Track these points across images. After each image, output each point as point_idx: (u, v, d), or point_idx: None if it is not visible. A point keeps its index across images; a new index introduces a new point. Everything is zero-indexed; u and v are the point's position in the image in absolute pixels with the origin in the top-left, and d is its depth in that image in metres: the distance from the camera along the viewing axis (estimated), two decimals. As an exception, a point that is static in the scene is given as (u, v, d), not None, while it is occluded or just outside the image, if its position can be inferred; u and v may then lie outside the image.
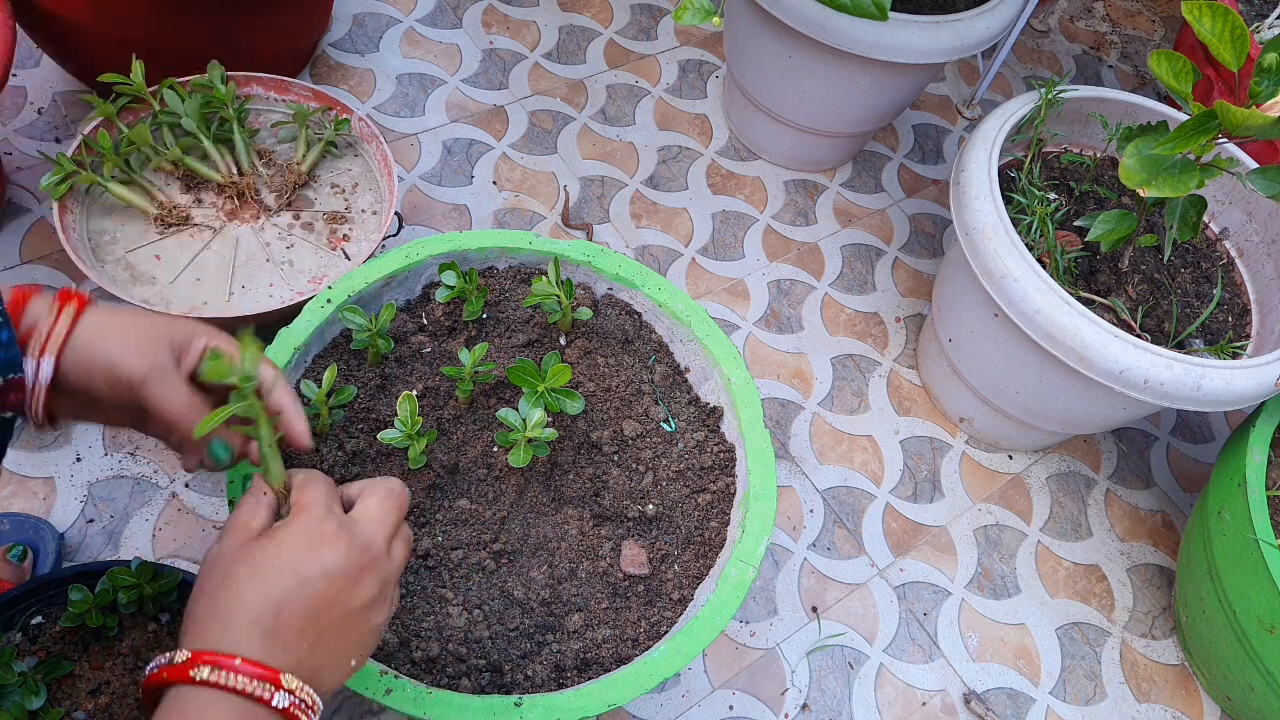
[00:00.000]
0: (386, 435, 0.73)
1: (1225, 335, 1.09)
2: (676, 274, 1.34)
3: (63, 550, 0.97)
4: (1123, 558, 1.23)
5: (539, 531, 0.77)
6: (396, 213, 1.07)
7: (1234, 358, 1.05)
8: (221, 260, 1.03)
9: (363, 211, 1.10)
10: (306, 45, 1.38)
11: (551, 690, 0.68)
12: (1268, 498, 0.98)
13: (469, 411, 0.81)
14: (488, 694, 0.68)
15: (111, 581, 0.73)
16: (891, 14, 1.13)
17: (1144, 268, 1.11)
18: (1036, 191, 1.11)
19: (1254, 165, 1.13)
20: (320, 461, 0.76)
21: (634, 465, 0.80)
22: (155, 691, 0.44)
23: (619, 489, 0.78)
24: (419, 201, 1.33)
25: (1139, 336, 1.02)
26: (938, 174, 1.56)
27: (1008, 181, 1.15)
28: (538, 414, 0.73)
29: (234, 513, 0.51)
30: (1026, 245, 1.01)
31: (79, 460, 1.03)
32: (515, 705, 0.63)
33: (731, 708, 1.02)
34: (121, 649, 0.74)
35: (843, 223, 1.46)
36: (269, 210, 1.08)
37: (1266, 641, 0.95)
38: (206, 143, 1.06)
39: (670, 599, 0.75)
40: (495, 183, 1.37)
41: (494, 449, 0.79)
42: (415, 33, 1.51)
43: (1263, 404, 1.05)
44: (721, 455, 0.81)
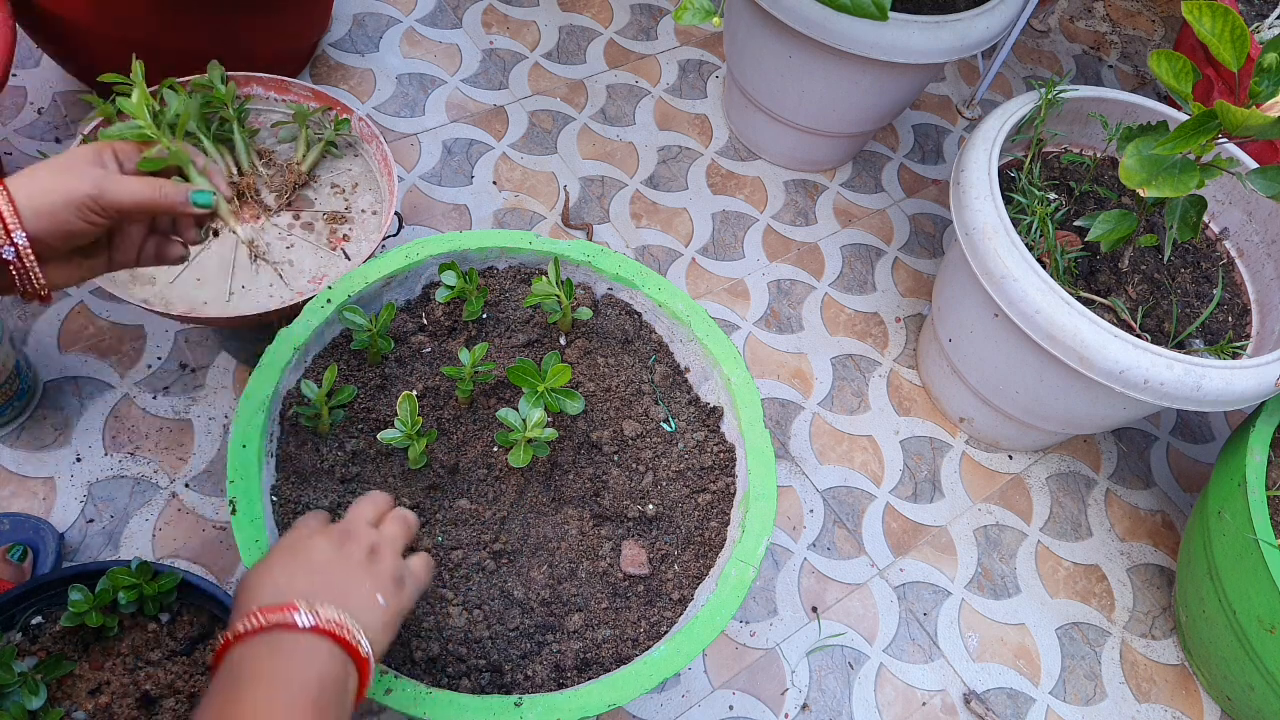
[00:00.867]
0: (386, 435, 0.73)
1: (1225, 335, 1.09)
2: (676, 274, 1.34)
3: (63, 550, 0.97)
4: (1123, 558, 1.23)
5: (539, 531, 0.77)
6: (396, 213, 1.07)
7: (1234, 358, 1.05)
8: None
9: (363, 211, 1.10)
10: (306, 45, 1.38)
11: (551, 690, 0.68)
12: (1268, 498, 0.98)
13: (469, 411, 0.81)
14: (488, 694, 0.68)
15: (111, 581, 0.73)
16: (891, 14, 1.13)
17: (1144, 268, 1.11)
18: (1036, 191, 1.11)
19: (1254, 165, 1.13)
20: (321, 461, 0.76)
21: (634, 465, 0.80)
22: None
23: (619, 489, 0.78)
24: (419, 201, 1.32)
25: (1139, 336, 1.02)
26: (938, 174, 1.56)
27: (1008, 181, 1.15)
28: (538, 414, 0.73)
29: None
30: (1026, 245, 1.01)
31: (79, 460, 1.03)
32: (515, 705, 0.63)
33: (731, 708, 1.02)
34: (121, 649, 0.74)
35: (843, 223, 1.46)
36: (269, 210, 1.08)
37: (1266, 641, 0.95)
38: (206, 143, 1.06)
39: (670, 599, 0.75)
40: (495, 183, 1.37)
41: (494, 449, 0.79)
42: (415, 33, 1.51)
43: (1263, 404, 1.05)
44: (721, 455, 0.81)
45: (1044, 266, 1.03)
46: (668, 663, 0.67)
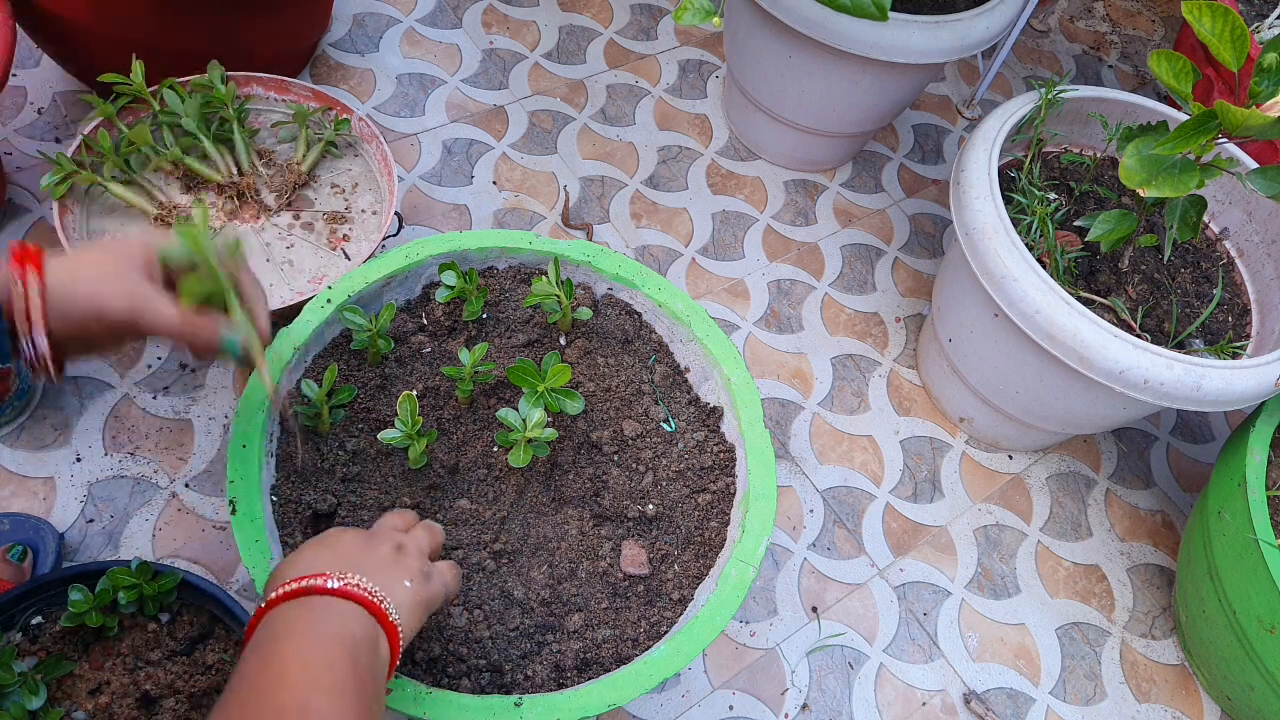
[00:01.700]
0: (387, 435, 0.74)
1: (1225, 335, 1.09)
2: (676, 274, 1.34)
3: (63, 550, 0.97)
4: (1123, 558, 1.23)
5: (539, 531, 0.77)
6: (396, 213, 1.07)
7: (1234, 358, 1.05)
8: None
9: (363, 211, 1.10)
10: (306, 45, 1.38)
11: (551, 690, 0.68)
12: (1268, 498, 0.98)
13: (469, 411, 0.81)
14: (488, 694, 0.68)
15: (111, 581, 0.73)
16: (891, 14, 1.13)
17: (1144, 268, 1.11)
18: (1036, 191, 1.11)
19: (1254, 165, 1.12)
20: (321, 461, 0.76)
21: (634, 465, 0.80)
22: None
23: (619, 489, 0.78)
24: (419, 201, 1.32)
25: (1139, 336, 1.02)
26: (938, 174, 1.56)
27: (1008, 181, 1.15)
28: (538, 414, 0.73)
29: None
30: (1026, 245, 1.01)
31: (79, 460, 1.03)
32: (515, 705, 0.63)
33: (731, 708, 1.02)
34: (121, 649, 0.74)
35: (843, 223, 1.46)
36: (269, 210, 1.08)
37: (1266, 641, 0.95)
38: (206, 143, 1.06)
39: (670, 599, 0.75)
40: (495, 183, 1.37)
41: (494, 449, 0.79)
42: (415, 33, 1.51)
43: (1263, 404, 1.05)
44: (721, 455, 0.81)
45: (1044, 266, 1.03)
46: (668, 663, 0.67)
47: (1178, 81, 0.91)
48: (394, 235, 1.14)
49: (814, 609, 1.11)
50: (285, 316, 0.88)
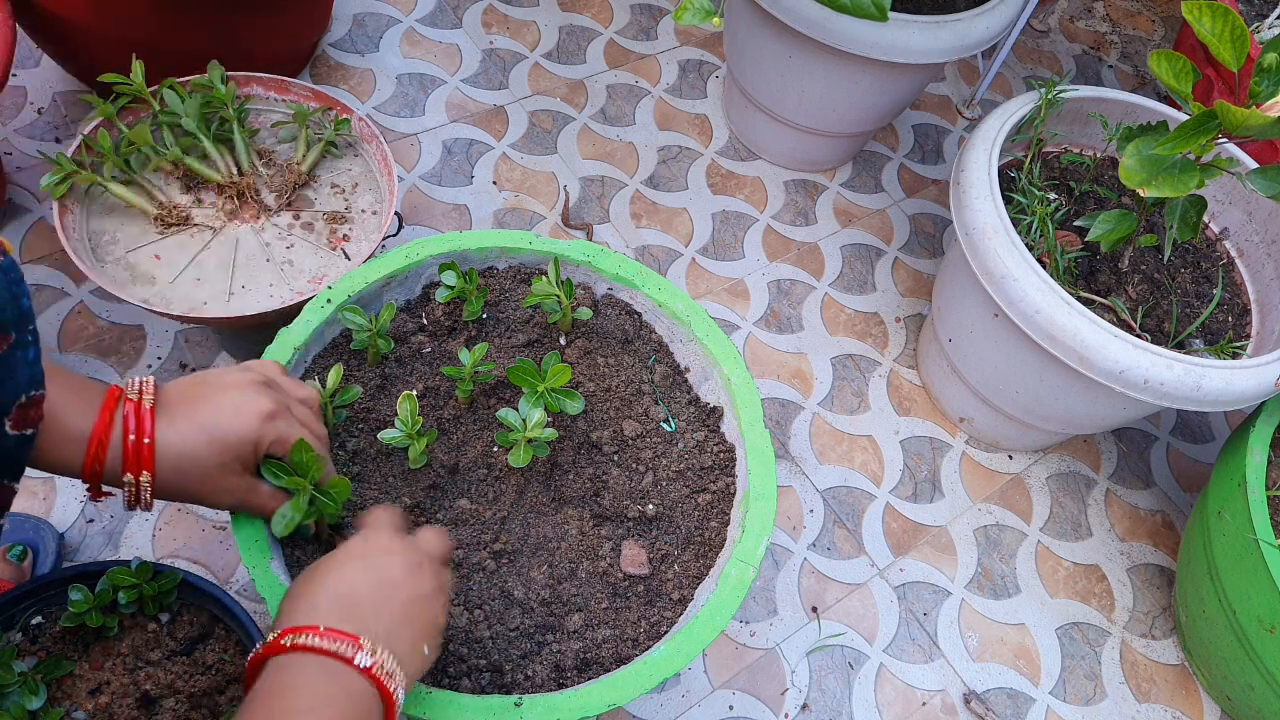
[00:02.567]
0: (386, 435, 0.74)
1: (1225, 335, 1.09)
2: (676, 274, 1.34)
3: (63, 550, 0.97)
4: (1123, 558, 1.23)
5: (539, 531, 0.77)
6: (396, 213, 1.07)
7: (1234, 358, 1.05)
8: (221, 260, 1.03)
9: (363, 211, 1.10)
10: (306, 45, 1.38)
11: (551, 690, 0.68)
12: (1268, 498, 0.98)
13: (469, 411, 0.81)
14: (488, 694, 0.68)
15: (111, 581, 0.73)
16: (891, 14, 1.13)
17: (1144, 268, 1.11)
18: (1036, 191, 1.11)
19: (1254, 165, 1.13)
20: (320, 461, 0.76)
21: (634, 465, 0.80)
22: (255, 673, 0.52)
23: (619, 489, 0.78)
24: (419, 201, 1.33)
25: (1139, 336, 1.02)
26: (938, 174, 1.56)
27: (1008, 181, 1.15)
28: (538, 414, 0.73)
29: None
30: (1026, 245, 1.01)
31: (79, 460, 1.03)
32: (515, 705, 0.63)
33: (731, 708, 1.02)
34: (121, 649, 0.74)
35: (843, 223, 1.46)
36: (269, 210, 1.08)
37: (1266, 641, 0.95)
38: (206, 143, 1.06)
39: (670, 599, 0.75)
40: (495, 183, 1.37)
41: (494, 449, 0.79)
42: (415, 33, 1.51)
43: (1263, 404, 1.05)
44: (721, 455, 0.81)
45: (1044, 266, 1.03)
46: (668, 663, 0.67)
47: (1178, 81, 0.91)
48: (394, 235, 1.14)
49: (814, 609, 1.11)
50: (285, 316, 0.87)
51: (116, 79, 1.02)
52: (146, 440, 0.57)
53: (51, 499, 1.00)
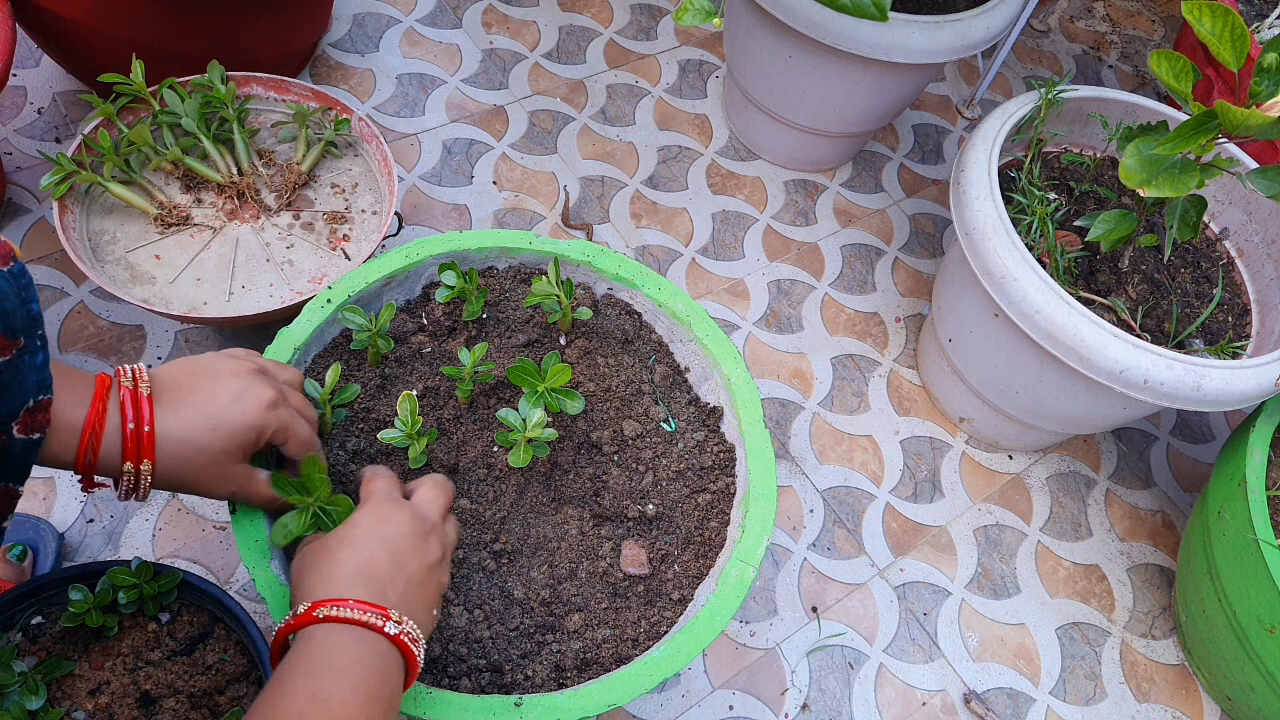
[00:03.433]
0: (386, 435, 0.74)
1: (1225, 335, 1.09)
2: (676, 274, 1.34)
3: (63, 550, 0.97)
4: (1123, 558, 1.23)
5: (539, 531, 0.77)
6: (396, 213, 1.07)
7: (1234, 358, 1.05)
8: (221, 260, 1.03)
9: (363, 211, 1.10)
10: (306, 45, 1.38)
11: (551, 690, 0.68)
12: (1268, 498, 0.98)
13: (469, 411, 0.81)
14: (488, 694, 0.68)
15: (111, 581, 0.73)
16: (891, 14, 1.13)
17: (1144, 268, 1.11)
18: (1036, 191, 1.11)
19: (1254, 165, 1.13)
20: (320, 461, 0.76)
21: (634, 465, 0.80)
22: (283, 647, 0.55)
23: (619, 489, 0.78)
24: (419, 201, 1.33)
25: (1139, 336, 1.02)
26: (938, 174, 1.56)
27: (1008, 181, 1.15)
28: (538, 414, 0.73)
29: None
30: (1026, 245, 1.01)
31: (79, 460, 1.03)
32: (515, 705, 0.63)
33: (731, 708, 1.02)
34: (121, 649, 0.74)
35: (843, 223, 1.46)
36: (269, 210, 1.08)
37: (1266, 641, 0.95)
38: (206, 143, 1.06)
39: (670, 599, 0.75)
40: (495, 183, 1.37)
41: (494, 449, 0.79)
42: (415, 33, 1.51)
43: (1263, 404, 1.05)
44: (721, 455, 0.81)
45: (1044, 266, 1.03)
46: (668, 663, 0.67)
47: (1178, 81, 0.91)
48: (394, 235, 1.14)
49: (814, 609, 1.11)
50: (285, 317, 0.88)
51: (116, 79, 1.02)
52: (147, 428, 0.57)
53: (51, 499, 1.00)
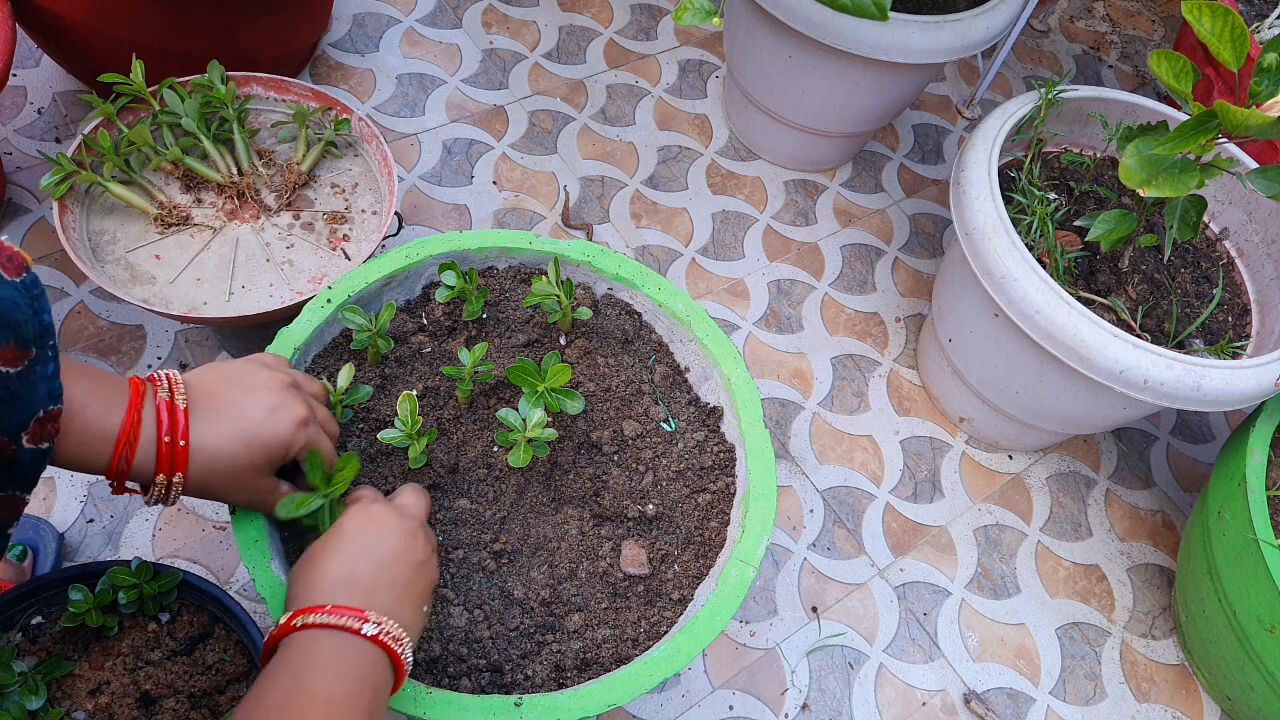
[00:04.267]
0: (386, 435, 0.73)
1: (1225, 335, 1.09)
2: (676, 274, 1.34)
3: (63, 550, 0.97)
4: (1123, 558, 1.23)
5: (539, 531, 0.77)
6: (396, 213, 1.07)
7: (1234, 358, 1.05)
8: (221, 260, 1.03)
9: (363, 211, 1.10)
10: (306, 45, 1.38)
11: (551, 690, 0.68)
12: (1268, 498, 0.98)
13: (469, 411, 0.81)
14: (488, 694, 0.68)
15: (111, 581, 0.73)
16: (891, 14, 1.13)
17: (1144, 268, 1.11)
18: (1036, 191, 1.11)
19: (1254, 165, 1.13)
20: (320, 461, 0.76)
21: (634, 465, 0.80)
22: (270, 655, 0.56)
23: (619, 489, 0.78)
24: (419, 201, 1.33)
25: (1139, 336, 1.02)
26: (938, 174, 1.56)
27: (1008, 181, 1.15)
28: (538, 414, 0.73)
29: None
30: (1026, 245, 1.01)
31: (79, 460, 1.03)
32: (515, 705, 0.63)
33: (731, 708, 1.02)
34: (121, 649, 0.74)
35: (843, 223, 1.46)
36: (269, 210, 1.08)
37: (1266, 641, 0.95)
38: (206, 143, 1.06)
39: (670, 599, 0.75)
40: (495, 183, 1.37)
41: (494, 449, 0.79)
42: (415, 33, 1.51)
43: (1263, 404, 1.05)
44: (721, 455, 0.81)
45: (1044, 266, 1.03)
46: (668, 663, 0.67)
47: (1178, 81, 0.91)
48: (394, 235, 1.14)
49: (814, 609, 1.11)
50: (285, 317, 0.88)
51: (116, 79, 1.02)
52: (182, 442, 0.58)
53: (51, 499, 1.00)
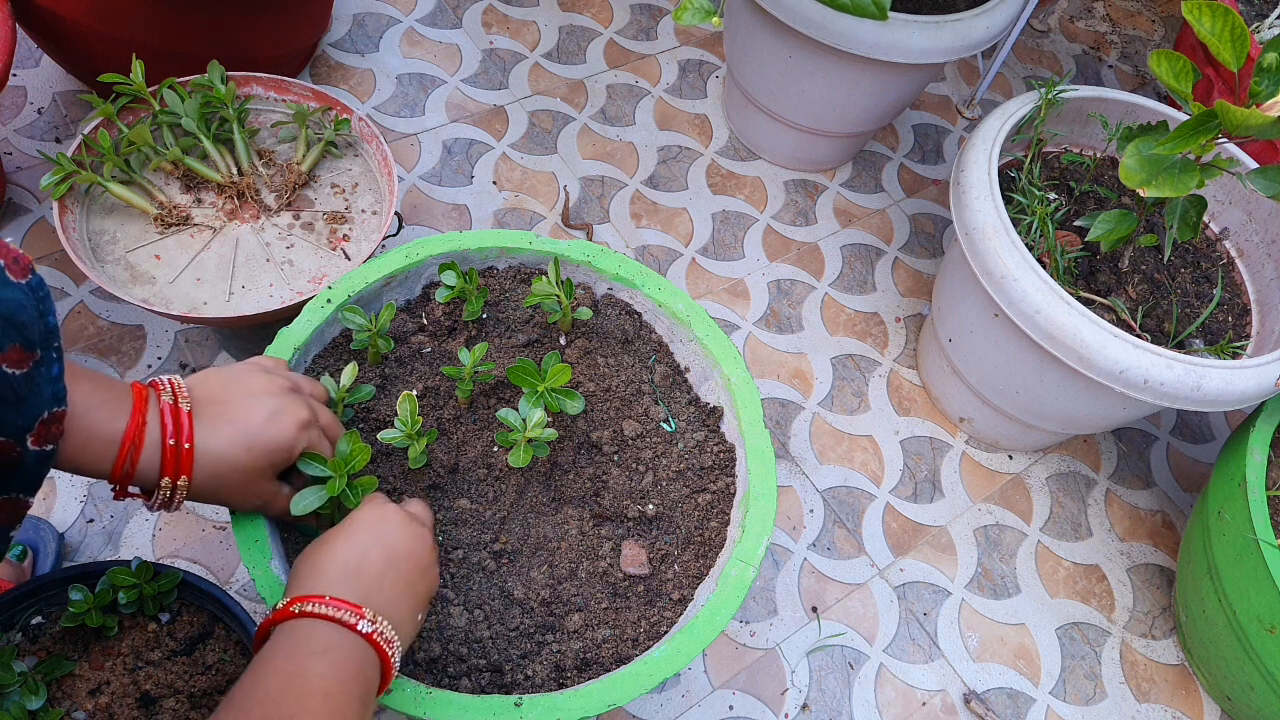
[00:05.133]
0: (386, 435, 0.73)
1: (1225, 335, 1.09)
2: (676, 274, 1.34)
3: (63, 550, 0.97)
4: (1123, 558, 1.23)
5: (539, 531, 0.77)
6: (396, 213, 1.07)
7: (1234, 358, 1.05)
8: (221, 260, 1.03)
9: (363, 211, 1.10)
10: (306, 45, 1.38)
11: (551, 690, 0.68)
12: (1268, 498, 0.98)
13: (469, 411, 0.81)
14: (488, 694, 0.68)
15: (111, 581, 0.73)
16: (891, 14, 1.13)
17: (1144, 268, 1.11)
18: (1036, 191, 1.11)
19: (1254, 165, 1.13)
20: (320, 461, 0.76)
21: (634, 465, 0.80)
22: (265, 639, 0.56)
23: (619, 489, 0.78)
24: (419, 201, 1.33)
25: (1139, 336, 1.02)
26: (938, 174, 1.56)
27: (1008, 181, 1.15)
28: (538, 414, 0.73)
29: None
30: (1026, 245, 1.01)
31: (79, 460, 1.03)
32: (515, 705, 0.63)
33: (731, 708, 1.02)
34: (121, 649, 0.74)
35: (843, 223, 1.46)
36: (269, 210, 1.08)
37: (1266, 641, 0.95)
38: (206, 143, 1.06)
39: (670, 599, 0.75)
40: (495, 183, 1.37)
41: (494, 449, 0.79)
42: (415, 33, 1.51)
43: (1263, 404, 1.05)
44: (721, 455, 0.81)
45: (1044, 266, 1.03)
46: (668, 663, 0.67)
47: (1178, 81, 0.91)
48: (394, 235, 1.14)
49: (814, 609, 1.11)
50: (285, 317, 0.87)
51: (116, 79, 1.02)
52: (187, 445, 0.58)
53: (51, 499, 1.00)
